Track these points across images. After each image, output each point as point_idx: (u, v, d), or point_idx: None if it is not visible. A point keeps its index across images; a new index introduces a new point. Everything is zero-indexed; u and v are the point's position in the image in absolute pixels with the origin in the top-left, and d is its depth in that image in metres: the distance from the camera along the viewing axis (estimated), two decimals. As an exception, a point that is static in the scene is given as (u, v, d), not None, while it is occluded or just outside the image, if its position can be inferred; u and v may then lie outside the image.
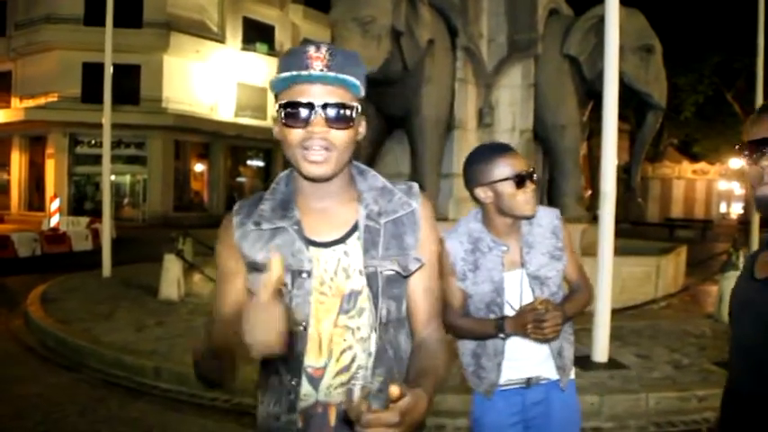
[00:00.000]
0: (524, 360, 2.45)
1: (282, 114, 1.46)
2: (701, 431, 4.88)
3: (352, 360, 1.53)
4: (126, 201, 30.02)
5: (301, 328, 1.51)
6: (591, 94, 9.46)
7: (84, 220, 18.17)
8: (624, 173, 11.26)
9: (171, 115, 28.25)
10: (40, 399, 5.38)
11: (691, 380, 5.52)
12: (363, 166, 1.67)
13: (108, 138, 11.20)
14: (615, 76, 5.96)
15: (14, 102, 29.73)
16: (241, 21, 32.99)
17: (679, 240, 16.83)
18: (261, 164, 35.69)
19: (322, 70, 1.41)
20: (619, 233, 6.19)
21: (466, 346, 2.56)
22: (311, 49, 1.43)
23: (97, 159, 15.74)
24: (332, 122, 1.44)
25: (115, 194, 26.33)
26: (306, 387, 1.53)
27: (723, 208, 41.10)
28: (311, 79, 1.42)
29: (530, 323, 2.24)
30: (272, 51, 34.01)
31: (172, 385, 5.63)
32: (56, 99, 27.76)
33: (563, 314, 2.28)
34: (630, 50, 8.98)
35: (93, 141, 27.02)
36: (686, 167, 36.21)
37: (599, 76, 6.56)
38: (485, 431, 2.55)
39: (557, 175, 9.63)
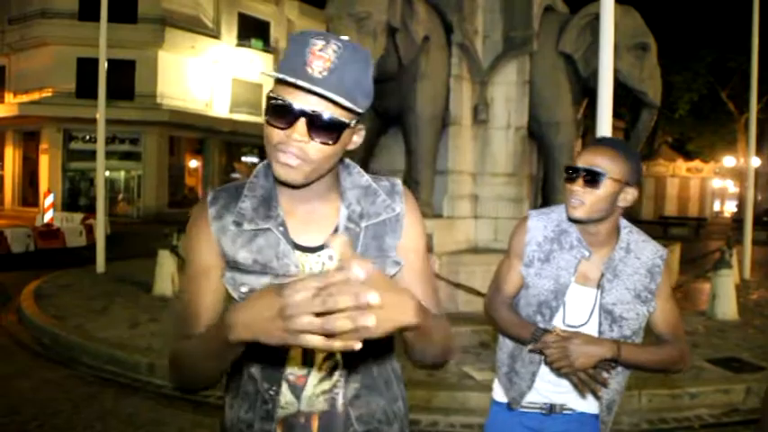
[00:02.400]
0: (554, 381, 2.18)
1: (268, 108, 1.34)
2: (694, 428, 4.91)
3: (335, 368, 1.48)
4: (120, 197, 29.98)
5: None
6: (586, 92, 9.48)
7: (79, 215, 18.07)
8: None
9: (166, 111, 28.20)
10: (33, 395, 5.37)
11: (683, 377, 5.53)
12: (349, 161, 1.57)
13: (102, 133, 11.17)
14: (610, 73, 5.97)
15: (8, 97, 29.67)
16: (236, 16, 32.94)
17: (673, 238, 16.90)
18: (256, 160, 35.63)
19: (321, 73, 1.26)
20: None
21: (506, 344, 2.32)
22: (318, 44, 1.28)
23: (91, 155, 15.68)
24: (315, 133, 1.31)
25: (109, 190, 26.26)
26: (287, 396, 1.46)
27: (717, 206, 41.24)
28: (297, 88, 1.28)
29: (556, 349, 1.97)
30: (267, 47, 34.01)
31: (166, 381, 5.62)
32: (50, 94, 27.70)
33: (601, 355, 1.95)
34: (625, 48, 8.98)
35: (87, 137, 27.00)
36: (680, 165, 36.36)
37: (594, 74, 6.57)
38: None
39: (551, 173, 9.63)
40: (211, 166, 31.92)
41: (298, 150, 1.31)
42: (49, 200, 17.37)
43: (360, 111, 1.35)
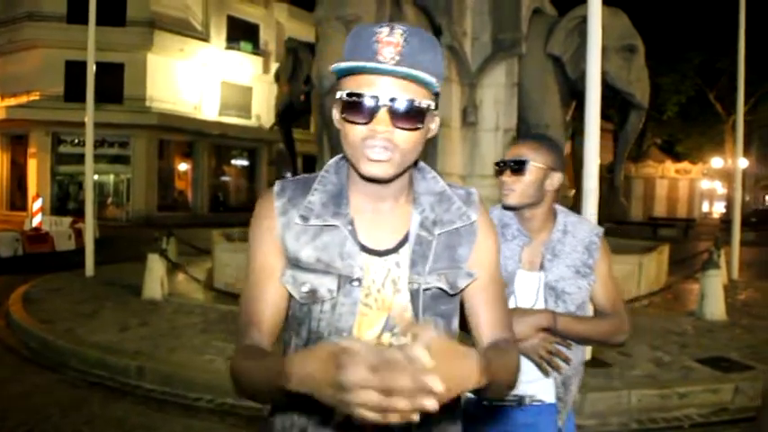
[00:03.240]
0: (521, 375, 2.25)
1: (342, 105, 1.30)
2: (683, 428, 4.93)
3: (408, 428, 1.33)
4: (109, 200, 29.85)
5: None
6: (574, 94, 9.52)
7: (67, 219, 17.99)
8: (608, 172, 11.33)
9: (155, 114, 28.13)
10: (22, 400, 5.33)
11: (672, 377, 5.56)
12: (423, 165, 1.50)
13: (91, 137, 11.12)
14: (598, 75, 5.99)
15: (-4, 100, 29.49)
16: (225, 19, 32.93)
17: (662, 239, 16.98)
18: (245, 163, 35.61)
19: (393, 58, 1.24)
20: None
21: None
22: (383, 32, 1.25)
23: (80, 159, 15.65)
24: (398, 121, 1.27)
25: (98, 194, 26.14)
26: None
27: (705, 207, 41.47)
28: (379, 71, 1.25)
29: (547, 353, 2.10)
30: (256, 50, 34.01)
31: (155, 385, 5.60)
32: (38, 98, 27.55)
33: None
34: (613, 50, 9.04)
35: (75, 140, 26.88)
36: (669, 167, 36.52)
37: (582, 76, 6.60)
38: None
39: (540, 174, 9.67)
40: (201, 170, 31.83)
41: (385, 142, 1.28)
42: (38, 204, 17.25)
43: (437, 91, 1.32)
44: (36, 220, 16.64)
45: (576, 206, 8.94)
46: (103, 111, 19.02)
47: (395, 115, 1.26)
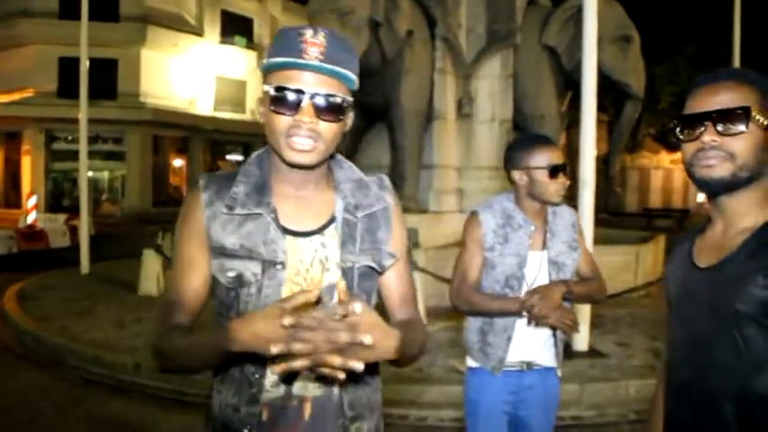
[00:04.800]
0: (527, 343, 2.62)
1: (270, 99, 1.41)
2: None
3: None
4: (104, 197, 29.74)
5: None
6: (569, 85, 9.50)
7: (62, 216, 17.94)
8: (603, 163, 11.32)
9: (149, 110, 27.97)
10: (18, 397, 5.32)
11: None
12: (339, 156, 1.64)
13: (85, 133, 11.08)
14: (594, 66, 5.98)
15: (-12, 98, 29.30)
16: (219, 14, 32.70)
17: (657, 230, 16.98)
18: (240, 158, 35.47)
19: (318, 57, 1.37)
20: (598, 223, 6.21)
21: (472, 324, 2.71)
22: (308, 33, 1.38)
23: (74, 155, 15.54)
24: (321, 113, 1.40)
25: (93, 191, 26.01)
26: (273, 379, 1.49)
27: (700, 197, 41.48)
28: (305, 67, 1.38)
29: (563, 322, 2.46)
30: (250, 44, 33.85)
31: (152, 381, 5.58)
32: (31, 94, 27.35)
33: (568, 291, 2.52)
34: (609, 40, 9.01)
35: (69, 137, 26.69)
36: (664, 157, 36.56)
37: (577, 67, 6.57)
38: (480, 412, 2.68)
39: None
40: (196, 165, 31.69)
41: (310, 132, 1.40)
42: (32, 201, 17.22)
43: (354, 89, 1.47)
44: (31, 218, 16.60)
45: (571, 197, 8.92)
46: (97, 107, 18.95)
47: (318, 107, 1.40)
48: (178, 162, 31.92)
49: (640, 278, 8.59)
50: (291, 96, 1.39)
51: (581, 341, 5.92)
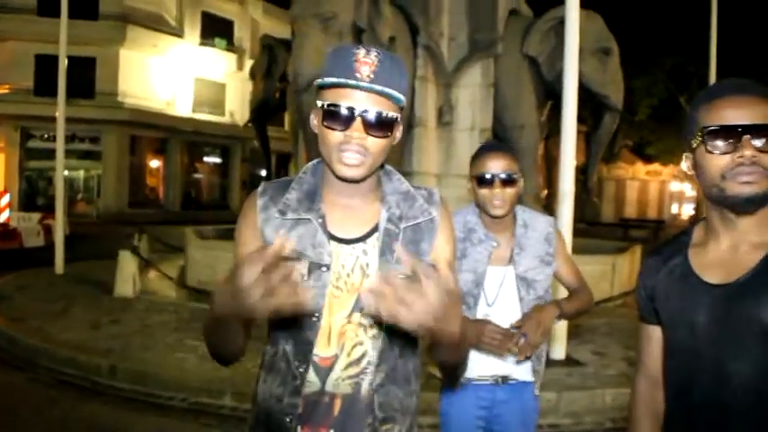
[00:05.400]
0: (498, 357, 2.52)
1: (323, 114, 1.49)
2: (655, 427, 4.97)
3: (363, 355, 1.59)
4: (79, 196, 29.46)
5: (314, 318, 1.56)
6: (549, 95, 9.58)
7: (36, 215, 17.72)
8: (581, 174, 11.43)
9: (127, 110, 27.80)
10: (-10, 399, 5.25)
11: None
12: (390, 168, 1.72)
13: (62, 132, 10.96)
14: (575, 77, 6.04)
15: (-37, 94, 28.90)
16: (200, 15, 32.63)
17: (633, 240, 17.15)
18: (218, 160, 35.35)
19: (369, 76, 1.44)
20: (575, 232, 6.27)
21: None
22: (360, 53, 1.45)
23: (50, 154, 15.41)
24: (370, 129, 1.47)
25: (68, 190, 25.78)
26: (311, 375, 1.58)
27: (675, 209, 41.98)
28: (356, 87, 1.45)
29: (488, 338, 2.33)
30: (230, 47, 33.76)
31: (128, 384, 5.53)
32: (7, 91, 27.03)
33: (537, 344, 2.37)
34: (589, 52, 9.10)
35: (45, 135, 26.44)
36: (640, 169, 36.95)
37: (558, 77, 6.65)
38: (451, 424, 2.65)
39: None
40: (173, 166, 31.52)
41: (359, 147, 1.47)
42: (5, 199, 16.99)
43: (403, 106, 1.54)
44: (3, 216, 16.39)
45: (549, 207, 9.03)
46: (74, 106, 18.72)
47: (368, 124, 1.47)
48: (155, 163, 31.70)
49: (617, 288, 8.67)
50: (343, 113, 1.46)
51: (558, 350, 5.97)
